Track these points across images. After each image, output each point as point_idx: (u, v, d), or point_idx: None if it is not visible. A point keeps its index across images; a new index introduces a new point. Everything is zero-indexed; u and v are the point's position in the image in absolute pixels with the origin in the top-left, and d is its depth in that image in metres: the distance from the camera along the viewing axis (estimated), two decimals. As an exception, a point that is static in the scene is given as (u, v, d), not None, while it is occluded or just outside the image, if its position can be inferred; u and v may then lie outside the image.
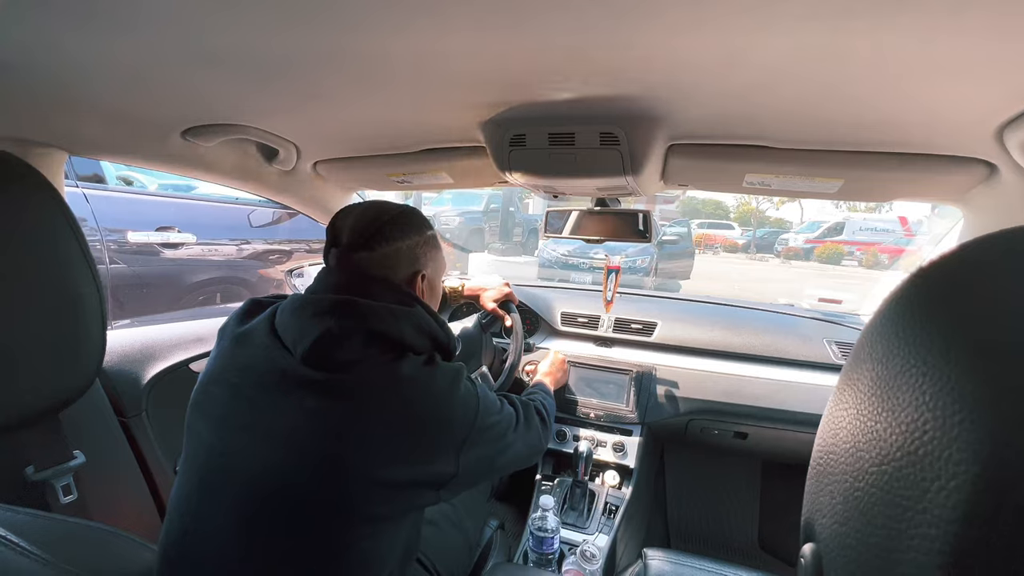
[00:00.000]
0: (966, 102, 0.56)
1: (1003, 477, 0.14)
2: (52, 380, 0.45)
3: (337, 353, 0.60)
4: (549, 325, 1.60)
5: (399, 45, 0.51)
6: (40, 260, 0.43)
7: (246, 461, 0.58)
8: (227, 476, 0.59)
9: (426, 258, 0.74)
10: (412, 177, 1.07)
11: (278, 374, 0.60)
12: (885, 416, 0.19)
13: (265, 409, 0.59)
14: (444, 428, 0.63)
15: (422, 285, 0.74)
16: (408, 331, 0.65)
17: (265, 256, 3.02)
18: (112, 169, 2.64)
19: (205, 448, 0.61)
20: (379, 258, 0.69)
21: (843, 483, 0.22)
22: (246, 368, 0.62)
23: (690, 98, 0.64)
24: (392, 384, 0.61)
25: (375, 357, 0.61)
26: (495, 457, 0.71)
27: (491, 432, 0.70)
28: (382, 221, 0.69)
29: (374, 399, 0.59)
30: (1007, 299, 0.17)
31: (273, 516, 0.56)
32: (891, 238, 12.41)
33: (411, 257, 0.72)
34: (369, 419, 0.58)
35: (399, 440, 0.59)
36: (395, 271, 0.70)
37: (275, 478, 0.57)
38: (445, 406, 0.64)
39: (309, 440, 0.57)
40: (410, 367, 0.63)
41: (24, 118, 0.67)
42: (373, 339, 0.62)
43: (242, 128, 0.82)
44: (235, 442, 0.60)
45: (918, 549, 0.16)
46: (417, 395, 0.62)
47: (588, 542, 1.14)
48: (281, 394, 0.59)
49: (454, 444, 0.63)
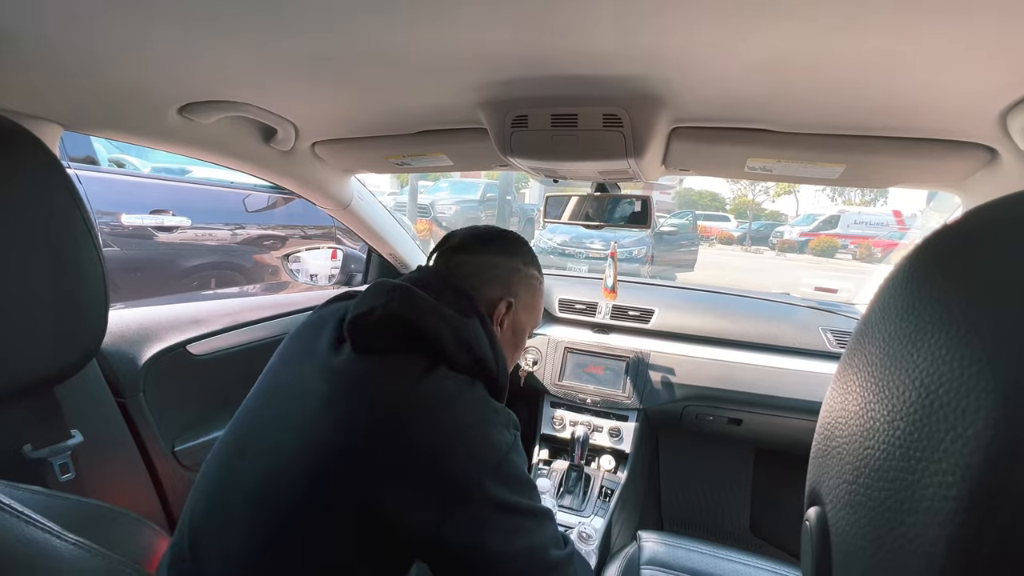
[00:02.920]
0: (970, 86, 0.56)
1: (1020, 414, 0.14)
2: (55, 347, 0.45)
3: (371, 334, 0.57)
4: (547, 311, 1.61)
5: (400, 23, 0.51)
6: (40, 226, 0.43)
7: (267, 437, 0.56)
8: (245, 450, 0.57)
9: (520, 289, 0.71)
10: (411, 160, 1.06)
11: (324, 354, 0.59)
12: (898, 374, 0.19)
13: (306, 382, 0.58)
14: (440, 465, 0.51)
15: (505, 315, 0.69)
16: (448, 337, 0.57)
17: (260, 241, 3.00)
18: (104, 152, 2.61)
19: (242, 421, 0.61)
20: (474, 265, 0.68)
21: (852, 444, 0.22)
22: (309, 345, 0.63)
23: (694, 79, 0.63)
24: (405, 390, 0.54)
25: (402, 352, 0.57)
26: (497, 531, 0.52)
27: (505, 510, 0.53)
28: (494, 233, 0.73)
29: (380, 399, 0.54)
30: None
31: (274, 508, 0.52)
32: (885, 232, 12.50)
33: (506, 279, 0.70)
34: (365, 420, 0.53)
35: (382, 457, 0.51)
36: (484, 287, 0.67)
37: (282, 458, 0.54)
38: (454, 438, 0.53)
39: (315, 427, 0.53)
40: (433, 379, 0.56)
41: (18, 89, 0.66)
42: (409, 332, 0.57)
43: (240, 106, 0.80)
44: (267, 413, 0.59)
45: (933, 497, 0.16)
46: (425, 413, 0.53)
47: (584, 524, 1.16)
48: (318, 373, 0.58)
49: (444, 491, 0.50)
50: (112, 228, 2.30)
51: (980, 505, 0.14)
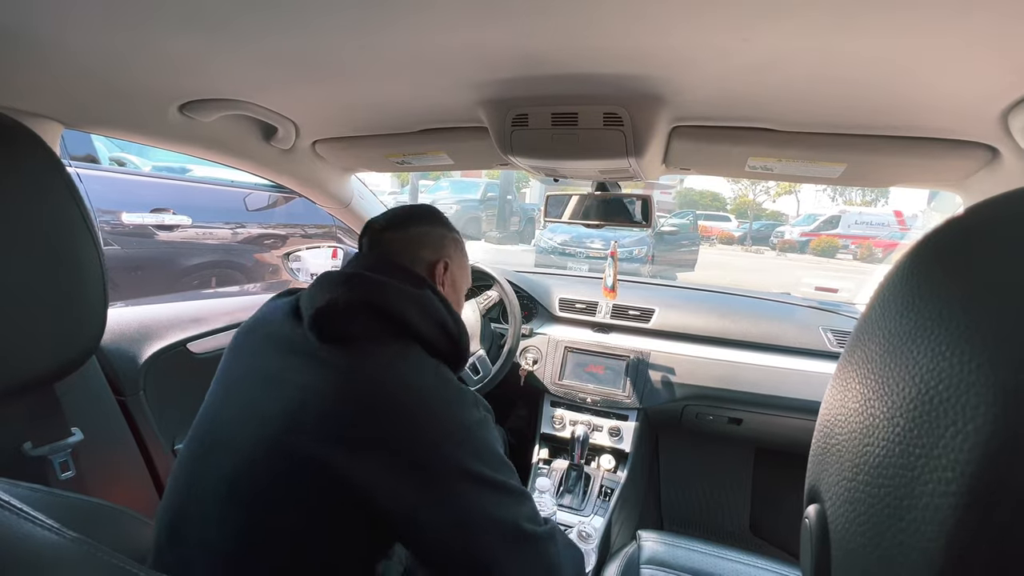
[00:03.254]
0: (971, 85, 0.56)
1: (1019, 410, 0.14)
2: (54, 345, 0.45)
3: (339, 324, 0.59)
4: (547, 311, 1.61)
5: (401, 21, 0.51)
6: (40, 224, 0.43)
7: (233, 430, 0.57)
8: (213, 446, 0.58)
9: (451, 251, 0.77)
10: (412, 158, 1.06)
11: (286, 342, 0.60)
12: (897, 371, 0.19)
13: (270, 376, 0.59)
14: (412, 441, 0.53)
15: (444, 276, 0.74)
16: (414, 314, 0.62)
17: (260, 240, 3.00)
18: (105, 150, 2.61)
19: (204, 420, 0.62)
20: (406, 239, 0.72)
21: (852, 441, 0.22)
22: (266, 337, 0.63)
23: (695, 78, 0.63)
24: (375, 373, 0.57)
25: (376, 334, 0.60)
26: (469, 504, 0.54)
27: (476, 482, 0.55)
28: (414, 208, 0.78)
29: (351, 384, 0.55)
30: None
31: (250, 494, 0.53)
32: (886, 232, 12.49)
33: (437, 244, 0.75)
34: (336, 405, 0.54)
35: (358, 420, 0.53)
36: (420, 255, 0.72)
37: (257, 448, 0.54)
38: (425, 414, 0.55)
39: (294, 412, 0.54)
40: (402, 362, 0.59)
41: (18, 87, 0.66)
42: (378, 316, 0.60)
43: (240, 104, 0.80)
44: (229, 409, 0.59)
45: (932, 494, 0.16)
46: (395, 393, 0.56)
47: (584, 523, 1.16)
48: (287, 360, 0.59)
49: (417, 466, 0.53)
50: (112, 226, 2.30)
51: (979, 501, 0.14)
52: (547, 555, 0.58)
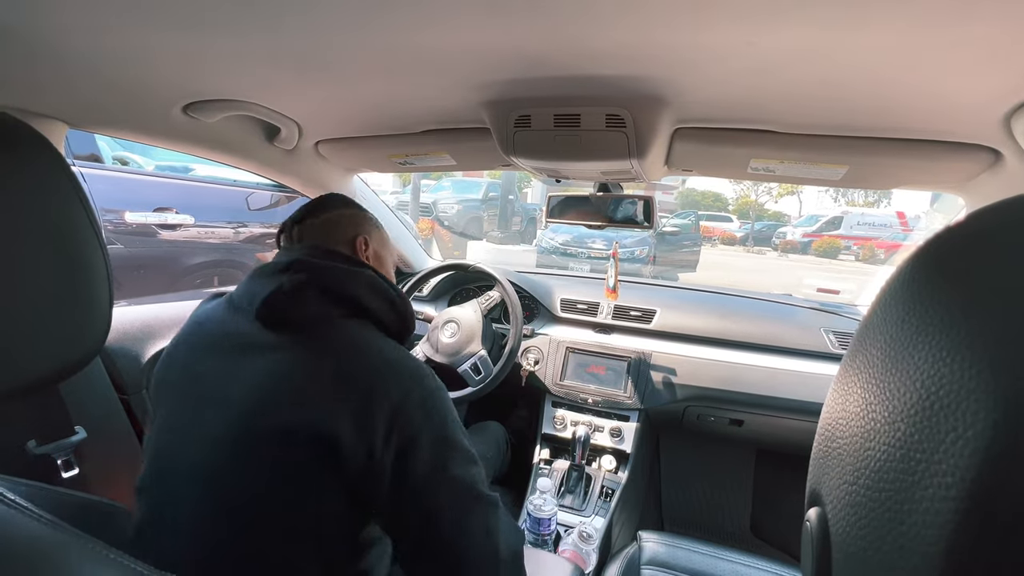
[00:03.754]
0: (974, 88, 0.56)
1: (1019, 416, 0.14)
2: (59, 345, 0.45)
3: (291, 310, 0.60)
4: (549, 311, 1.61)
5: (404, 23, 0.51)
6: (45, 224, 0.43)
7: (202, 433, 0.56)
8: (179, 455, 0.57)
9: (367, 228, 0.78)
10: (414, 159, 1.07)
11: (236, 338, 0.60)
12: (899, 376, 0.19)
13: (221, 377, 0.58)
14: (375, 397, 0.56)
15: (367, 252, 0.76)
16: (364, 292, 0.64)
17: (262, 240, 3.01)
18: (108, 149, 2.61)
19: (160, 433, 0.61)
20: (325, 225, 0.74)
21: (853, 445, 0.22)
22: (206, 343, 0.63)
23: (698, 80, 0.63)
24: (348, 340, 0.60)
25: (328, 315, 0.61)
26: (437, 469, 0.57)
27: (443, 428, 0.59)
28: (321, 198, 0.79)
29: (330, 352, 0.58)
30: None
31: (229, 500, 0.54)
32: (888, 233, 12.45)
33: (352, 223, 0.77)
34: (316, 371, 0.56)
35: (327, 387, 0.55)
36: (340, 236, 0.74)
37: (233, 449, 0.54)
38: (385, 374, 0.58)
39: (263, 403, 0.55)
40: (371, 333, 0.63)
41: (24, 87, 0.66)
42: (328, 297, 0.61)
43: (244, 104, 0.81)
44: (191, 418, 0.59)
45: (932, 498, 0.16)
46: (354, 359, 0.59)
47: (585, 524, 1.16)
48: (236, 359, 0.59)
49: (383, 419, 0.55)
50: (116, 225, 2.31)
51: (979, 506, 0.14)
52: (491, 517, 0.60)
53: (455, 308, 1.46)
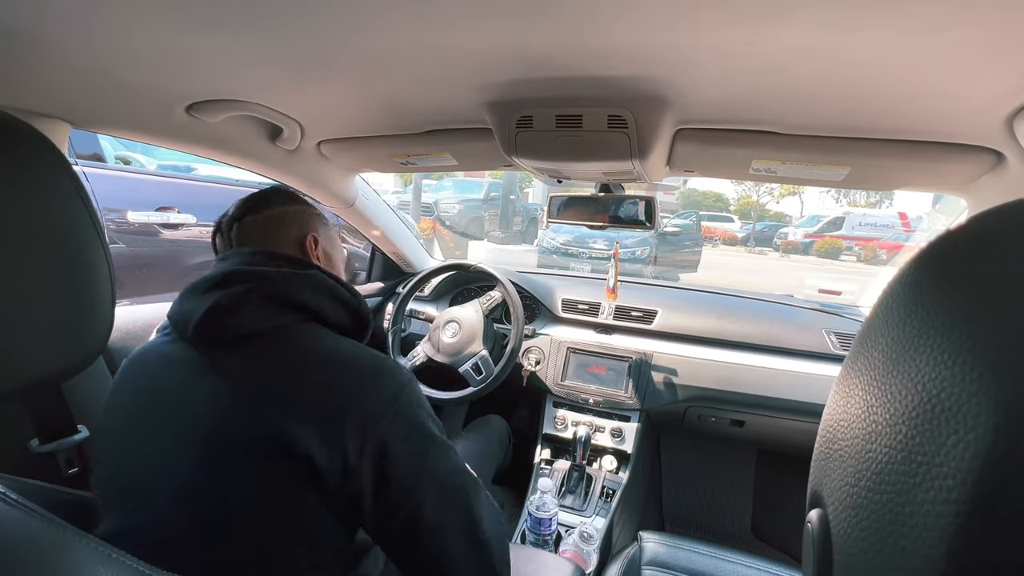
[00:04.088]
0: (976, 89, 0.56)
1: (1020, 419, 0.14)
2: (62, 344, 0.45)
3: (232, 324, 0.54)
4: (550, 312, 1.61)
5: (406, 23, 0.51)
6: (48, 224, 0.43)
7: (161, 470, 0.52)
8: (145, 479, 0.53)
9: (316, 224, 0.72)
10: (416, 159, 1.07)
11: (178, 367, 0.56)
12: (900, 379, 0.19)
13: (174, 408, 0.54)
14: (348, 403, 0.53)
15: (316, 251, 0.70)
16: (311, 295, 0.60)
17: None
18: (111, 149, 2.62)
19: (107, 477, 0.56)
20: (265, 222, 0.67)
21: (854, 447, 0.22)
22: (150, 378, 0.58)
23: (700, 81, 0.63)
24: (300, 350, 0.56)
25: (280, 325, 0.57)
26: (417, 466, 0.55)
27: (416, 424, 0.56)
28: (263, 193, 0.71)
29: (280, 369, 0.54)
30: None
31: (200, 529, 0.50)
32: (890, 234, 12.43)
33: (299, 220, 0.71)
34: (269, 393, 0.52)
35: (296, 403, 0.52)
36: (284, 235, 0.68)
37: (202, 480, 0.50)
38: (353, 377, 0.55)
39: (221, 426, 0.51)
40: (326, 337, 0.59)
41: (27, 87, 0.67)
42: (273, 305, 0.57)
43: (246, 104, 0.81)
44: (143, 442, 0.54)
45: (934, 500, 0.16)
46: (320, 366, 0.55)
47: (585, 524, 1.16)
48: (184, 389, 0.54)
49: (361, 418, 0.52)
50: (118, 225, 2.32)
51: (980, 509, 0.15)
52: (476, 504, 0.59)
53: (456, 308, 1.46)
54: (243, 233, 0.67)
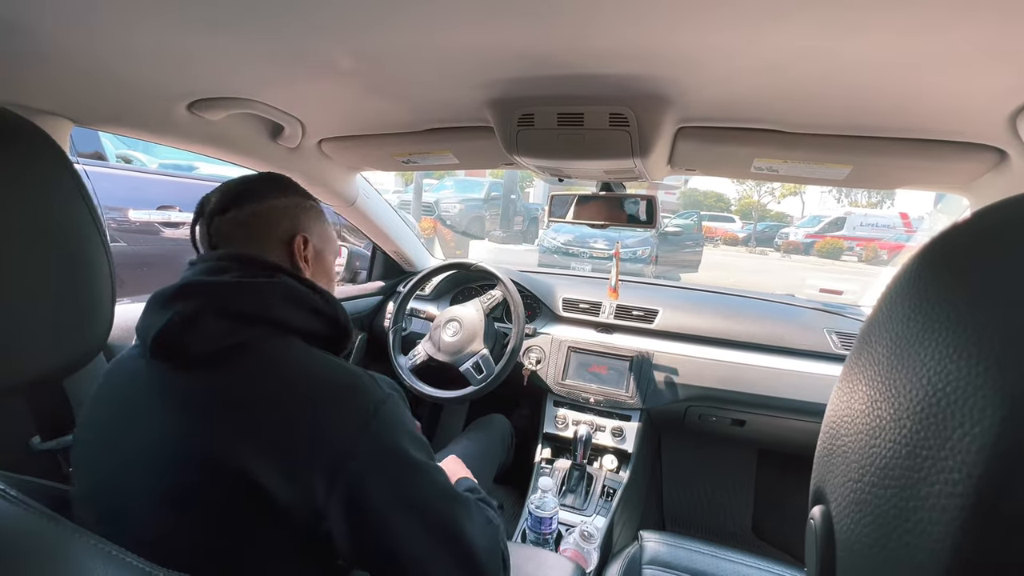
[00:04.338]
0: (979, 87, 0.56)
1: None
2: (62, 342, 0.45)
3: (190, 343, 0.50)
4: (551, 311, 1.61)
5: (408, 22, 0.51)
6: (49, 222, 0.43)
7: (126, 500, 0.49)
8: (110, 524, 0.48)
9: (308, 221, 0.66)
10: (418, 157, 1.07)
11: (140, 386, 0.53)
12: (905, 373, 0.19)
13: (139, 431, 0.51)
14: (316, 433, 0.48)
15: (305, 251, 0.64)
16: (278, 306, 0.54)
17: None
18: (112, 147, 2.62)
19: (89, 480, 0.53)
20: (248, 219, 0.61)
21: (858, 443, 0.22)
22: (119, 394, 0.55)
23: (701, 79, 0.63)
24: (265, 371, 0.51)
25: (245, 341, 0.52)
26: (395, 494, 0.50)
27: (391, 449, 0.52)
28: (248, 181, 0.64)
29: (242, 394, 0.49)
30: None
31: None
32: (892, 234, 12.42)
33: (288, 217, 0.64)
34: (234, 419, 0.48)
35: (259, 442, 0.47)
36: (268, 235, 0.62)
37: (164, 507, 0.47)
38: (321, 402, 0.50)
39: (177, 458, 0.48)
40: (296, 352, 0.54)
41: (28, 84, 0.67)
42: (231, 321, 0.52)
43: (248, 102, 0.81)
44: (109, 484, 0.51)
45: (939, 495, 0.16)
46: (287, 379, 0.51)
47: (586, 523, 1.16)
48: (147, 410, 0.51)
49: (329, 455, 0.48)
50: (119, 223, 2.32)
51: (986, 503, 0.14)
52: (467, 527, 0.55)
53: (457, 307, 1.46)
54: (222, 232, 0.61)
